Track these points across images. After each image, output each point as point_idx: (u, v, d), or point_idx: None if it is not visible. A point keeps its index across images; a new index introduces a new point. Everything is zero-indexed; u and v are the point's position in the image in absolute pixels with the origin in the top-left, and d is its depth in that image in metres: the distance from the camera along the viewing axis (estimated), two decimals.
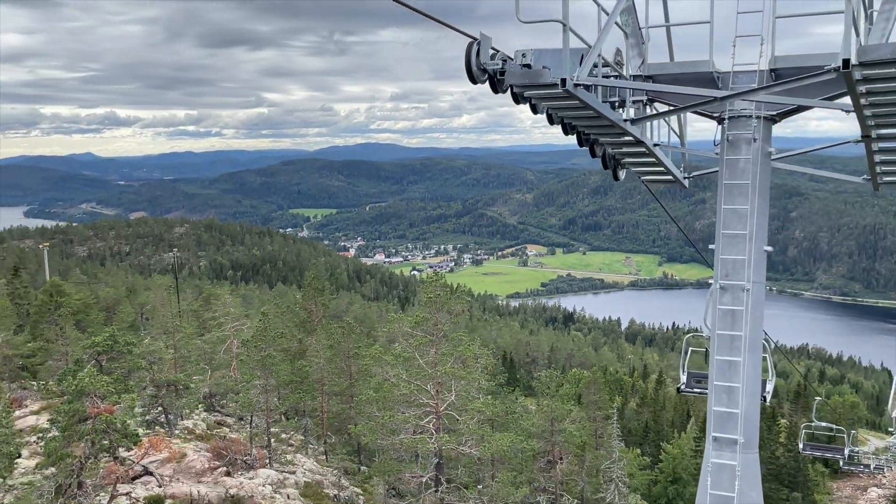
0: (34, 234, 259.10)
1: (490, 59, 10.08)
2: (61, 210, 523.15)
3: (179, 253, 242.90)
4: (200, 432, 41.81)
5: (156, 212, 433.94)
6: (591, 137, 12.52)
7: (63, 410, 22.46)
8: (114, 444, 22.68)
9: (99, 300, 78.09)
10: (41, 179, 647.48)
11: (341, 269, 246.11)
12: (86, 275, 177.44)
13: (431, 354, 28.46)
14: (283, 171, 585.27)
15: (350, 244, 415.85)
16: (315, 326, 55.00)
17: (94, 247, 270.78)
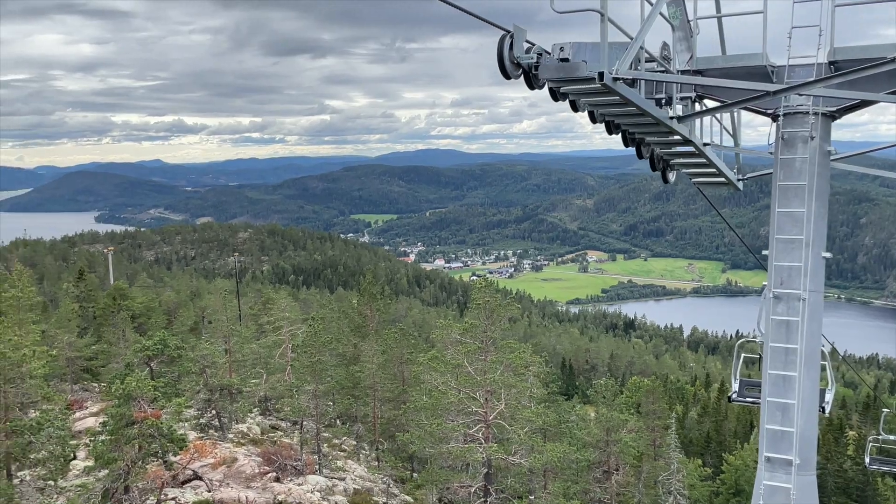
0: (104, 239, 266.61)
1: (525, 54, 9.55)
2: (131, 215, 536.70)
3: (242, 257, 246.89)
4: (254, 436, 41.97)
5: (221, 217, 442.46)
6: (637, 137, 11.86)
7: (112, 414, 22.59)
8: (161, 449, 22.72)
9: (161, 304, 79.52)
10: (112, 186, 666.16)
11: (401, 274, 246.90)
12: (152, 278, 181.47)
13: (481, 362, 27.91)
14: (344, 176, 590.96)
15: (410, 249, 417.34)
16: (370, 331, 54.96)
17: (161, 251, 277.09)
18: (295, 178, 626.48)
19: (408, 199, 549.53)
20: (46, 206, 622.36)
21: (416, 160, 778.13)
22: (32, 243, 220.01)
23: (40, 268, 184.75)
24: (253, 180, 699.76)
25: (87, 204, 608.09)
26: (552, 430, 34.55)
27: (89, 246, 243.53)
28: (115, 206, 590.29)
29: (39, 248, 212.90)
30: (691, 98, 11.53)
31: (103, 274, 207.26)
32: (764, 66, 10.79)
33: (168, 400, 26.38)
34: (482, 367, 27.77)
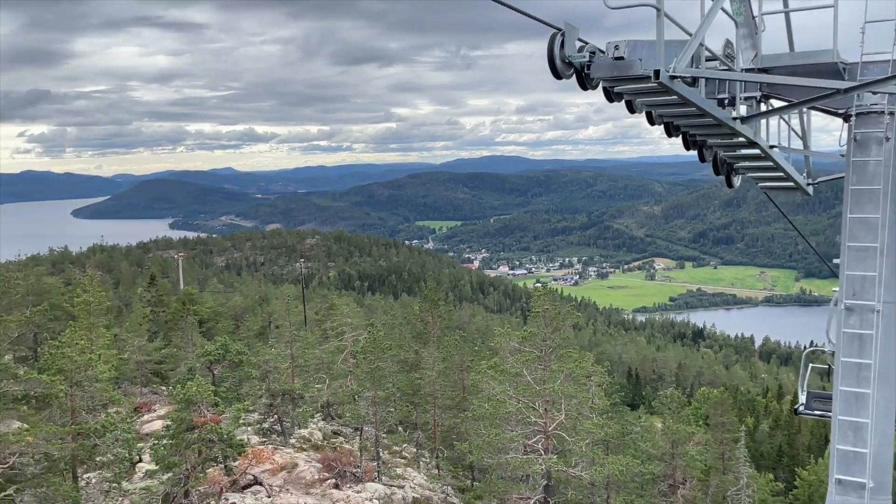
0: (177, 245, 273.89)
1: (577, 52, 9.17)
2: (203, 222, 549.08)
3: (309, 263, 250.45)
4: (315, 442, 42.15)
5: (289, 224, 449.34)
6: (699, 139, 11.32)
7: (173, 418, 22.83)
8: (221, 454, 22.85)
9: (229, 309, 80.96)
10: (185, 193, 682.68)
11: (464, 280, 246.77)
12: (222, 284, 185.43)
13: (540, 371, 27.40)
14: (409, 183, 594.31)
15: (474, 256, 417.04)
16: (431, 338, 54.84)
17: (232, 257, 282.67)
18: (361, 185, 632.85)
19: (472, 206, 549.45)
20: (123, 213, 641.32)
21: (480, 167, 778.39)
22: (109, 249, 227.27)
23: (116, 273, 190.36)
24: (320, 187, 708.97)
25: (162, 211, 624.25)
26: (615, 442, 33.71)
27: (163, 252, 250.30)
28: (189, 213, 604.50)
29: (116, 253, 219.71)
30: (756, 98, 10.95)
31: (175, 279, 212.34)
32: (835, 63, 10.17)
33: (229, 405, 26.63)
34: (541, 377, 27.27)
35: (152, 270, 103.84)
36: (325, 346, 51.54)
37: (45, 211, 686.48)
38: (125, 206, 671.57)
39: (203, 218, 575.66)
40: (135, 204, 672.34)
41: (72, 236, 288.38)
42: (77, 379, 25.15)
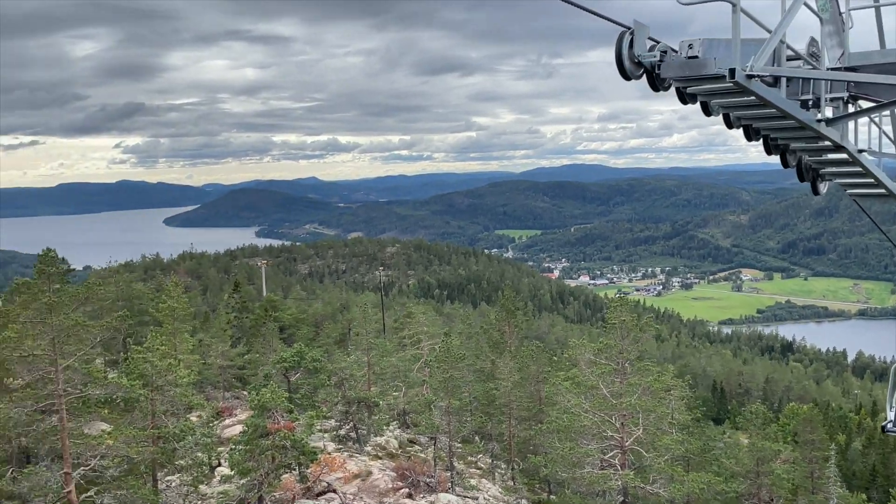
0: (262, 253, 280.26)
1: (647, 52, 8.73)
2: (287, 230, 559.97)
3: (389, 271, 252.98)
4: (392, 450, 42.15)
5: (371, 232, 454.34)
6: (781, 143, 10.70)
7: (248, 424, 23.07)
8: (294, 461, 22.97)
9: (309, 316, 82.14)
10: (271, 202, 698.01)
11: (544, 290, 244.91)
12: (305, 291, 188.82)
13: (616, 384, 26.68)
14: (489, 192, 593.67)
15: (554, 265, 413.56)
16: (508, 348, 54.38)
17: (315, 265, 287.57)
18: (441, 194, 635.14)
19: (552, 215, 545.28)
20: (212, 221, 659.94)
21: (561, 175, 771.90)
22: (198, 256, 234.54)
23: (204, 280, 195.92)
24: (401, 196, 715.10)
25: (249, 219, 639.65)
26: (696, 459, 32.62)
27: (249, 259, 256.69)
28: (274, 222, 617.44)
29: (204, 261, 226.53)
30: (843, 99, 10.26)
31: (260, 286, 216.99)
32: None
33: (303, 412, 26.81)
34: (618, 390, 26.54)
35: (237, 278, 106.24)
36: (401, 355, 51.65)
37: (138, 219, 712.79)
38: (214, 215, 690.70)
39: (288, 226, 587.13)
40: (223, 212, 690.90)
41: (163, 244, 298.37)
42: (157, 383, 25.68)
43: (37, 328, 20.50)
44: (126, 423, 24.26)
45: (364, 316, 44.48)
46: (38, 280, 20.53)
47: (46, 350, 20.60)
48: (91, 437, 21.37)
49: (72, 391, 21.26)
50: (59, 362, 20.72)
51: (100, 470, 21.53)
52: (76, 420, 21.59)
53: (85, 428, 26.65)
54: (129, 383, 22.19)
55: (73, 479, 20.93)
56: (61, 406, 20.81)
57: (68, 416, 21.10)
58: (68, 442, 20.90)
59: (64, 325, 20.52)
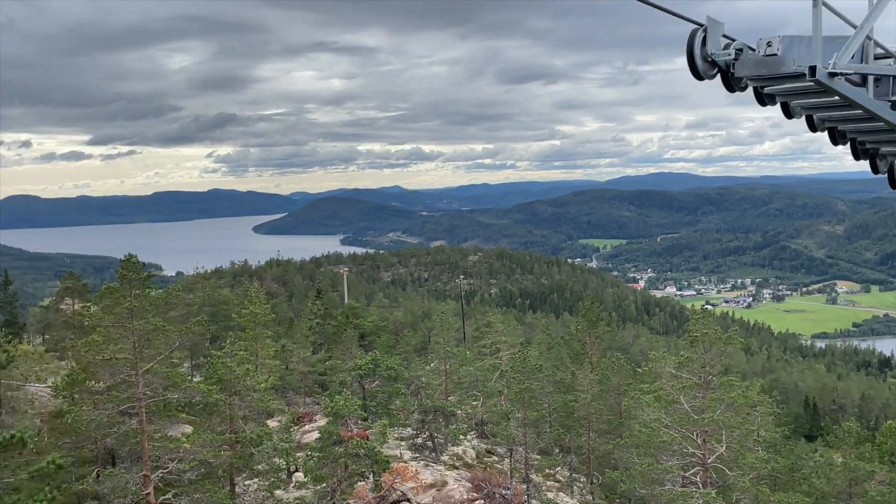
0: (346, 261, 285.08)
1: (722, 50, 8.25)
2: (371, 238, 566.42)
3: (471, 280, 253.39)
4: (468, 460, 41.86)
5: (453, 241, 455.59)
6: (870, 147, 10.01)
7: (322, 432, 23.16)
8: (367, 470, 22.93)
9: (390, 323, 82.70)
10: (356, 210, 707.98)
11: (629, 300, 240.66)
12: (387, 299, 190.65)
13: (698, 399, 25.73)
14: (573, 201, 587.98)
15: (640, 275, 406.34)
16: (589, 359, 53.48)
17: (398, 272, 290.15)
18: (524, 202, 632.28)
19: (638, 224, 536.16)
20: (299, 229, 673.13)
21: (647, 184, 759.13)
22: (284, 263, 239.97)
23: (290, 286, 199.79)
24: (484, 205, 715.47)
25: (334, 227, 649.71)
26: (783, 478, 31.23)
27: (334, 267, 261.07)
28: (359, 230, 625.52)
29: (290, 268, 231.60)
30: None
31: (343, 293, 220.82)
32: None
33: (378, 420, 26.79)
34: (700, 405, 25.60)
35: (319, 285, 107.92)
36: (479, 364, 51.34)
37: (229, 226, 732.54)
38: (301, 223, 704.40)
39: (372, 234, 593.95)
40: (309, 220, 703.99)
41: (252, 251, 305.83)
42: (236, 388, 26.05)
43: (118, 332, 21.03)
44: (205, 427, 24.67)
45: (443, 324, 44.33)
46: (121, 285, 21.07)
47: (128, 354, 21.10)
48: (169, 440, 21.79)
49: (151, 394, 21.73)
50: (139, 366, 21.20)
51: (177, 473, 21.92)
52: (156, 423, 22.05)
53: (170, 431, 27.27)
54: (207, 388, 22.55)
55: (151, 481, 21.37)
56: (141, 409, 21.28)
57: (148, 419, 21.55)
58: (147, 444, 21.35)
59: (144, 329, 21.00)
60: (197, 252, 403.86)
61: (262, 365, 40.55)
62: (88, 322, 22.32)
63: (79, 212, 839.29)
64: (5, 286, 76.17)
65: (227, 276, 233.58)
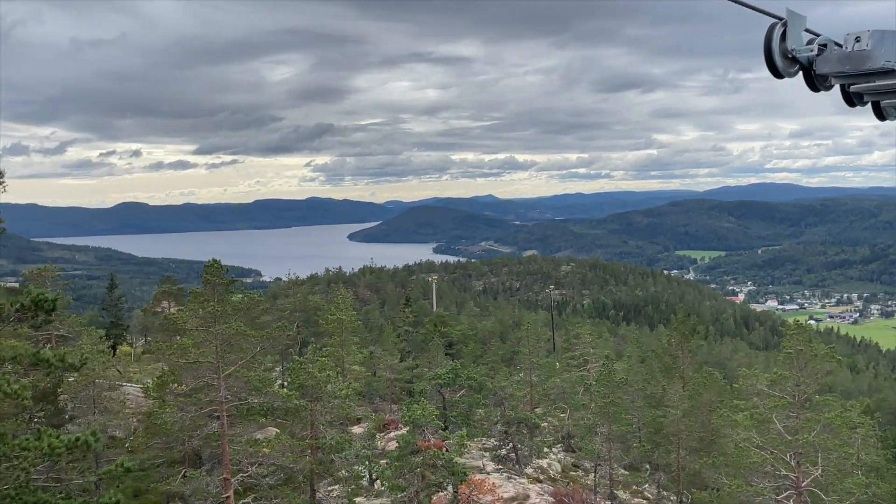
0: (438, 269, 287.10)
1: (804, 45, 7.62)
2: (464, 247, 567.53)
3: (564, 290, 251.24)
4: (553, 474, 41.14)
5: (546, 250, 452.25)
6: None
7: (400, 441, 23.03)
8: (444, 480, 22.66)
9: (477, 332, 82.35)
10: (449, 219, 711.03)
11: (727, 314, 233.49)
12: (478, 307, 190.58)
13: (792, 419, 24.43)
14: (670, 211, 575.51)
15: (739, 288, 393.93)
16: (681, 373, 51.91)
17: (489, 282, 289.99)
18: (619, 212, 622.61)
19: (738, 236, 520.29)
20: (392, 237, 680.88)
21: (747, 195, 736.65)
22: (377, 271, 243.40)
23: (382, 294, 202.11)
24: (578, 215, 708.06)
25: (427, 236, 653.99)
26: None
27: (426, 275, 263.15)
28: (451, 239, 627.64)
29: (383, 275, 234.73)
30: None
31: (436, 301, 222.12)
32: None
33: (457, 430, 26.50)
34: (794, 426, 24.29)
35: (409, 293, 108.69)
36: (566, 376, 50.49)
37: (325, 234, 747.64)
38: (394, 231, 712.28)
39: (464, 243, 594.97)
40: (403, 229, 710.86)
41: (346, 258, 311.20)
42: (317, 394, 26.20)
43: (202, 336, 21.40)
44: (287, 432, 24.86)
45: (528, 335, 43.77)
46: (205, 290, 21.45)
47: (211, 358, 21.45)
48: (249, 444, 22.02)
49: (232, 398, 22.03)
50: (221, 370, 21.51)
51: (257, 477, 22.13)
52: (237, 426, 22.33)
53: (257, 434, 27.65)
54: (287, 393, 22.73)
55: (232, 484, 21.63)
56: (223, 412, 21.59)
57: (229, 422, 21.85)
58: (228, 448, 21.63)
59: (226, 333, 21.31)
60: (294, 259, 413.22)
61: (348, 371, 40.84)
62: (176, 325, 22.81)
63: (184, 218, 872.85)
64: (111, 289, 79.48)
65: (321, 283, 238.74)
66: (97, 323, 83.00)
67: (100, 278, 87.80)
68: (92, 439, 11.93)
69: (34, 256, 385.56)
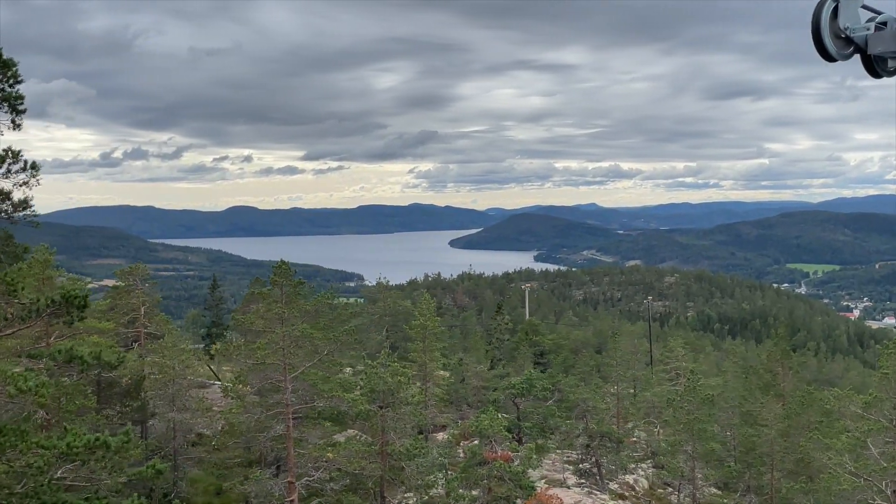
0: (538, 277, 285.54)
1: (860, 24, 6.69)
2: (565, 255, 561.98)
3: (666, 302, 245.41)
4: (640, 491, 39.71)
5: (650, 260, 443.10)
6: None
7: (468, 451, 22.46)
8: (511, 493, 21.95)
9: (570, 342, 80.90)
10: (550, 227, 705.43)
11: (840, 330, 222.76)
12: (577, 317, 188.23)
13: (889, 445, 22.58)
14: (781, 223, 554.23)
15: (854, 304, 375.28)
16: (781, 391, 49.39)
17: (589, 291, 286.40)
18: (727, 223, 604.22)
19: (854, 249, 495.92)
20: (493, 244, 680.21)
21: (865, 206, 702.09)
22: (475, 277, 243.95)
23: (480, 300, 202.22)
24: (684, 225, 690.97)
25: (528, 244, 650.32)
26: None
27: (525, 283, 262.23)
28: (553, 247, 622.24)
29: (481, 282, 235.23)
30: None
31: (533, 309, 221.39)
32: None
33: (531, 441, 25.71)
34: (891, 452, 22.44)
35: (501, 301, 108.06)
36: (657, 390, 48.77)
37: (426, 240, 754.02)
38: (495, 238, 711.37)
39: (565, 251, 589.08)
40: (504, 236, 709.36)
41: (446, 264, 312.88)
42: (388, 400, 25.88)
43: (268, 337, 21.41)
44: (356, 438, 24.62)
45: (614, 346, 42.44)
46: (273, 291, 21.46)
47: (277, 359, 21.42)
48: (314, 448, 21.85)
49: (297, 401, 21.93)
50: (287, 371, 21.45)
51: (322, 482, 21.93)
52: (304, 429, 22.20)
53: (339, 437, 27.58)
54: (352, 398, 22.49)
55: (296, 488, 21.51)
56: (288, 415, 21.51)
57: (294, 425, 21.76)
58: (293, 451, 21.53)
59: (292, 335, 21.24)
60: (396, 264, 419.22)
61: (431, 377, 40.52)
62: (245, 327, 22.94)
63: (291, 222, 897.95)
64: (213, 289, 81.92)
65: (419, 288, 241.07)
66: (199, 322, 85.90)
67: (209, 279, 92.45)
68: (113, 440, 11.87)
69: (151, 257, 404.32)
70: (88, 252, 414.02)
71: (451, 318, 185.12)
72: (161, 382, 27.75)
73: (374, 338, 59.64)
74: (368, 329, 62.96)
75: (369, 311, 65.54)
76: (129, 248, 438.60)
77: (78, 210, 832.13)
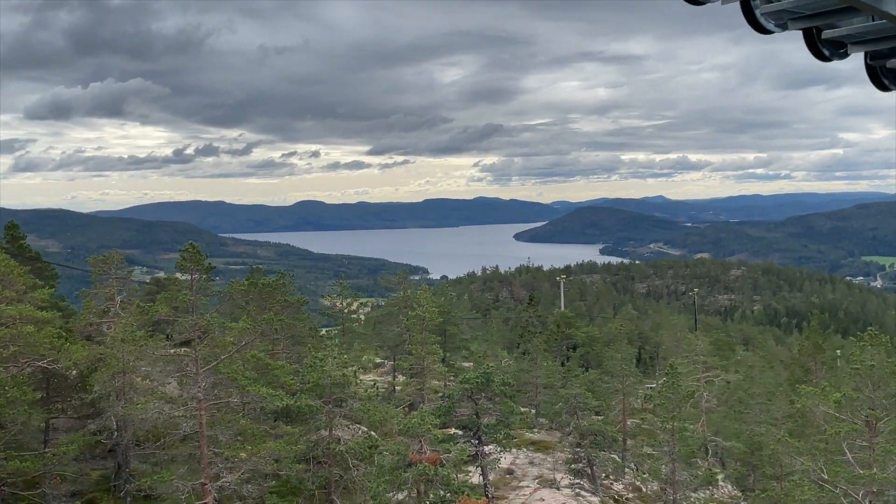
0: (600, 270, 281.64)
1: None
2: (631, 249, 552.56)
3: (730, 295, 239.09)
4: (643, 495, 37.39)
5: (718, 254, 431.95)
6: None
7: (393, 452, 20.72)
8: (437, 498, 20.13)
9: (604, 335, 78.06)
10: (616, 220, 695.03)
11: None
12: (636, 310, 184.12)
13: (864, 448, 20.01)
14: (856, 214, 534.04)
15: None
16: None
17: (653, 284, 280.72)
18: (799, 215, 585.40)
19: None
20: (558, 237, 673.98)
21: None
22: (533, 270, 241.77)
23: (537, 294, 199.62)
24: (754, 217, 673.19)
25: (594, 237, 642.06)
26: None
27: (587, 276, 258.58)
28: (619, 240, 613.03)
29: (539, 275, 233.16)
30: None
31: (591, 302, 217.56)
32: None
33: (491, 440, 23.81)
34: (865, 457, 19.88)
35: (532, 293, 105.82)
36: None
37: (491, 233, 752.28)
38: (561, 231, 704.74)
39: (632, 245, 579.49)
40: (569, 229, 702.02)
41: (510, 257, 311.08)
42: (335, 396, 24.27)
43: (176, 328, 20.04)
44: (295, 436, 23.10)
45: (617, 339, 40.04)
46: (182, 277, 20.10)
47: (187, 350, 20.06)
48: (225, 448, 20.36)
49: (207, 397, 20.51)
50: (199, 363, 20.06)
51: (238, 485, 20.33)
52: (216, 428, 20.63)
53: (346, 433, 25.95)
54: (270, 393, 20.87)
55: (210, 490, 20.04)
56: (200, 411, 20.13)
57: (208, 422, 20.33)
58: (206, 451, 20.10)
59: (199, 324, 19.80)
60: (460, 257, 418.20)
61: (428, 371, 38.80)
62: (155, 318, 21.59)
63: (358, 216, 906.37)
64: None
65: (478, 281, 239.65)
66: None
67: (277, 273, 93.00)
68: None
69: (221, 251, 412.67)
70: (161, 246, 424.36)
71: (506, 310, 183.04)
72: (107, 375, 26.68)
73: (393, 330, 58.25)
74: (388, 321, 61.73)
75: (390, 303, 64.24)
76: (200, 243, 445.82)
77: (152, 205, 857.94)
